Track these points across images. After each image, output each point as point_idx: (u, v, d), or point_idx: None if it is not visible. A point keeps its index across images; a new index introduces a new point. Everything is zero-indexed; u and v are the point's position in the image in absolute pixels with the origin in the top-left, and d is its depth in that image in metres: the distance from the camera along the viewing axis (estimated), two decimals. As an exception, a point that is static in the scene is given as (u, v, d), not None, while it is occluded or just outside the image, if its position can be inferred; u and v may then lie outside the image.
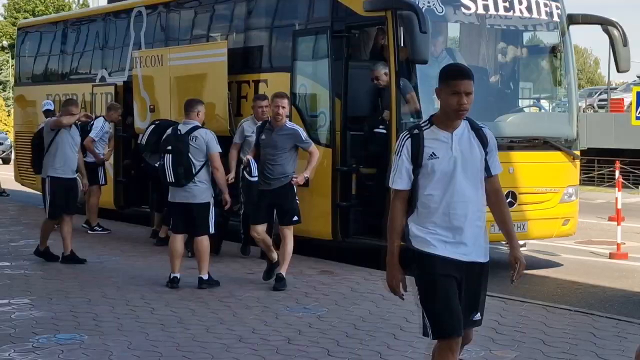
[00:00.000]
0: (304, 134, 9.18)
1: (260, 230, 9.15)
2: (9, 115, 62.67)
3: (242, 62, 12.81)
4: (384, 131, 10.43)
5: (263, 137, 9.09)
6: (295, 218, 9.13)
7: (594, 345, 6.90)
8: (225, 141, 10.28)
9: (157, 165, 9.56)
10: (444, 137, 4.65)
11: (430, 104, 10.63)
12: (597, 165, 29.68)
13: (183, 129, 9.20)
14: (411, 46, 9.77)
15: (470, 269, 4.76)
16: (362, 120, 10.96)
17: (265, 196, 9.08)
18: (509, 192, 10.53)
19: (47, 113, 14.26)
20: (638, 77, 47.53)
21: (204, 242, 9.19)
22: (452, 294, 4.68)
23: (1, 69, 74.57)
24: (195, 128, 9.19)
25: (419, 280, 4.74)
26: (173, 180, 9.08)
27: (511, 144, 10.82)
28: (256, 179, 9.07)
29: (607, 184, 28.43)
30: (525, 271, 11.09)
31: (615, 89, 49.19)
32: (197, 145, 9.07)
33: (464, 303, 4.75)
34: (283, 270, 9.13)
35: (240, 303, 8.51)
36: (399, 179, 4.70)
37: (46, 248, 10.84)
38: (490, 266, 5.03)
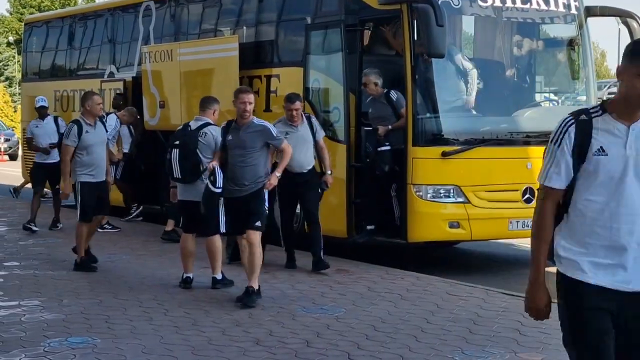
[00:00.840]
0: (274, 130, 8.52)
1: (241, 238, 8.47)
2: (15, 111, 62.54)
3: (254, 56, 12.60)
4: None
5: (230, 137, 8.38)
6: (258, 223, 8.25)
7: (622, 348, 6.69)
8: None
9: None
10: (618, 130, 3.68)
11: (446, 99, 10.47)
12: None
13: (194, 125, 9.01)
14: (427, 40, 9.57)
15: (634, 300, 3.69)
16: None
17: (234, 204, 8.39)
18: (526, 189, 10.35)
19: (42, 110, 13.94)
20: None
21: (215, 241, 8.97)
22: (606, 339, 3.70)
23: (7, 65, 74.48)
24: (206, 125, 8.99)
25: (563, 314, 3.82)
26: (179, 176, 8.90)
27: (529, 139, 10.61)
28: (220, 190, 8.38)
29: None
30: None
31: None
32: (205, 142, 8.86)
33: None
34: (254, 283, 8.24)
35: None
36: (556, 175, 3.75)
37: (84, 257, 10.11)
38: (511, 264, 4.75)
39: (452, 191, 10.12)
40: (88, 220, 10.06)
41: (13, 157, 37.07)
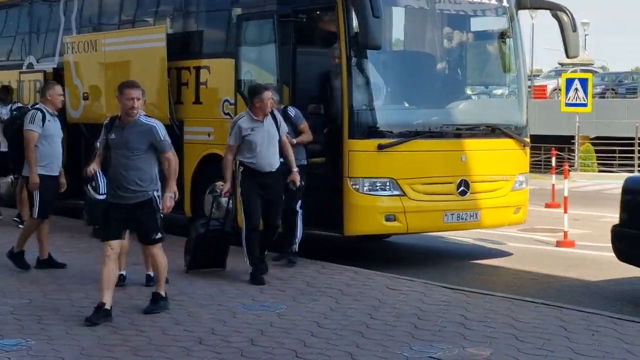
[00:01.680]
0: (162, 131, 7.42)
1: (114, 245, 7.43)
2: None
3: (182, 47, 12.31)
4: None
5: (113, 136, 7.43)
6: (158, 235, 7.56)
7: (567, 340, 6.70)
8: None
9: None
10: None
11: (382, 91, 10.39)
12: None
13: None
14: (364, 32, 9.46)
15: None
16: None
17: (118, 210, 7.41)
18: (461, 181, 10.36)
19: None
20: (560, 64, 48.27)
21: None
22: None
23: None
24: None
25: None
26: None
27: (462, 132, 10.63)
28: (104, 197, 7.62)
29: (537, 170, 28.68)
30: (478, 261, 11.03)
31: (538, 75, 49.89)
32: None
33: None
34: (161, 289, 7.72)
35: (193, 301, 8.09)
36: None
37: (22, 251, 9.70)
38: (446, 258, 4.69)
39: (388, 184, 10.06)
40: (46, 217, 9.55)
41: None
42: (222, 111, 11.55)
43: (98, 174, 7.54)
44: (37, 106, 9.75)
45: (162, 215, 7.56)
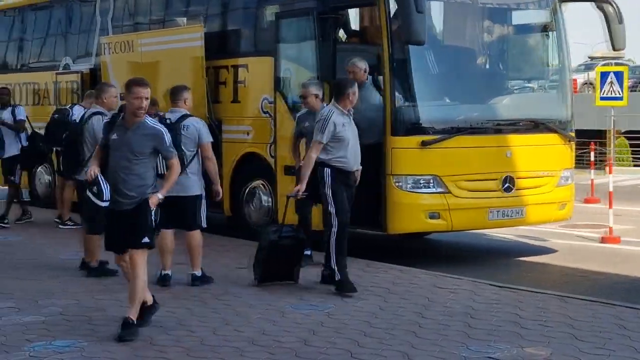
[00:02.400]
0: (168, 138, 6.89)
1: (123, 256, 7.02)
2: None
3: (220, 46, 12.26)
4: None
5: (115, 136, 6.82)
6: (146, 239, 6.81)
7: (628, 339, 6.55)
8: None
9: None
10: None
11: (425, 87, 10.26)
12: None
13: (172, 117, 8.65)
14: (407, 27, 9.31)
15: None
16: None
17: (116, 217, 6.84)
18: (506, 177, 10.21)
19: None
20: (590, 57, 47.81)
21: (195, 236, 8.70)
22: None
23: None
24: (186, 116, 8.66)
25: None
26: (164, 172, 8.51)
27: (506, 127, 10.48)
28: (107, 203, 6.76)
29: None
30: (523, 258, 10.87)
31: (567, 70, 49.39)
32: (188, 135, 8.55)
33: None
34: (133, 313, 6.76)
35: (240, 301, 8.02)
36: None
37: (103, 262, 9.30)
38: (490, 255, 4.55)
39: (431, 181, 9.93)
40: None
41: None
42: (260, 110, 11.49)
43: (100, 178, 6.71)
44: (98, 111, 9.44)
45: (154, 218, 6.92)
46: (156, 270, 8.68)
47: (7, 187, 13.53)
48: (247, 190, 11.77)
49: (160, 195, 6.90)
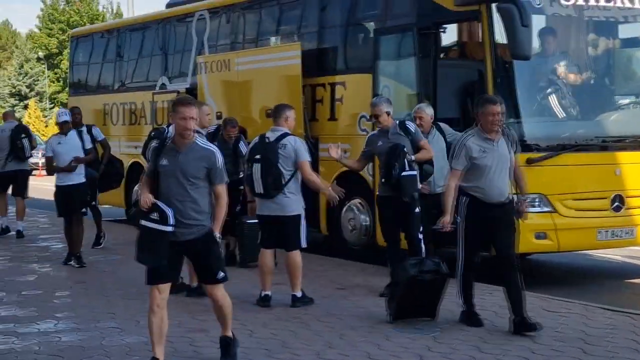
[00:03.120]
0: (220, 160, 6.39)
1: (165, 289, 6.38)
2: (46, 126, 62.64)
3: (317, 64, 12.17)
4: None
5: (164, 162, 6.31)
6: (221, 275, 6.43)
7: None
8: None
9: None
10: None
11: (530, 103, 9.97)
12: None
13: (272, 136, 8.56)
14: (512, 42, 9.09)
15: None
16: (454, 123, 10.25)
17: (172, 248, 6.25)
18: (616, 196, 9.82)
19: (65, 125, 11.49)
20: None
21: (296, 257, 8.57)
22: None
23: (37, 80, 74.74)
24: (285, 135, 8.55)
25: None
26: (262, 192, 8.45)
27: (614, 144, 10.10)
28: (172, 228, 6.18)
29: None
30: (633, 280, 10.38)
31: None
32: (285, 154, 8.43)
33: None
34: (228, 331, 6.69)
35: (342, 323, 7.84)
36: None
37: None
38: (596, 277, 4.24)
39: (537, 200, 9.60)
40: None
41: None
42: (358, 127, 11.34)
43: (160, 204, 6.17)
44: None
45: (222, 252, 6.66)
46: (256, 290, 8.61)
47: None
48: (344, 209, 11.61)
49: (217, 235, 6.38)
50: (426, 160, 8.83)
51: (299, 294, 8.60)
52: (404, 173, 8.48)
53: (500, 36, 9.48)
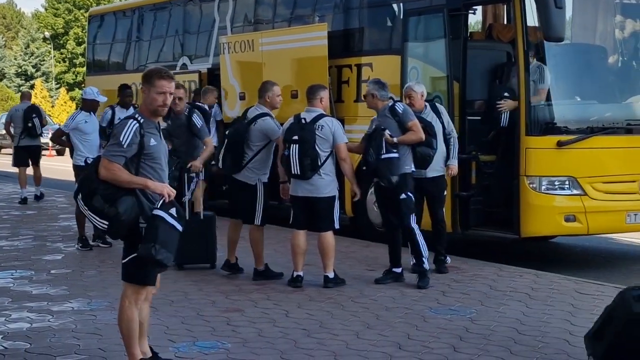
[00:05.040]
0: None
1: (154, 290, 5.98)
2: (52, 106, 62.67)
3: (344, 45, 12.12)
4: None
5: (152, 142, 5.51)
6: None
7: None
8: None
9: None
10: None
11: (561, 86, 9.94)
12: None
13: (307, 117, 8.54)
14: (546, 24, 9.02)
15: None
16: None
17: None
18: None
19: (94, 104, 11.37)
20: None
21: (329, 238, 8.56)
22: None
23: (43, 61, 74.70)
24: (321, 116, 8.53)
25: None
26: (299, 172, 8.43)
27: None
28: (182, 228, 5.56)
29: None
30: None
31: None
32: (323, 135, 8.42)
33: None
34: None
35: (376, 304, 7.85)
36: None
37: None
38: (623, 260, 4.24)
39: (567, 183, 9.58)
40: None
41: (60, 152, 36.78)
42: (385, 109, 11.28)
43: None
44: (264, 111, 8.90)
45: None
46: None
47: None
48: (370, 192, 11.58)
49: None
50: (415, 141, 8.63)
51: (331, 274, 8.60)
52: (383, 156, 8.37)
53: (533, 18, 9.42)
